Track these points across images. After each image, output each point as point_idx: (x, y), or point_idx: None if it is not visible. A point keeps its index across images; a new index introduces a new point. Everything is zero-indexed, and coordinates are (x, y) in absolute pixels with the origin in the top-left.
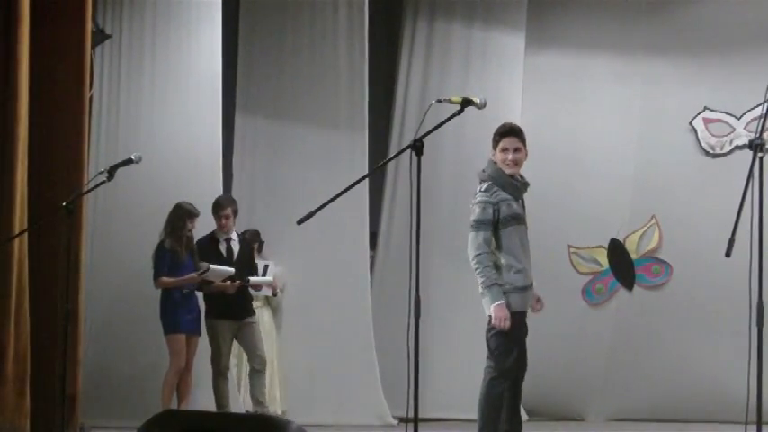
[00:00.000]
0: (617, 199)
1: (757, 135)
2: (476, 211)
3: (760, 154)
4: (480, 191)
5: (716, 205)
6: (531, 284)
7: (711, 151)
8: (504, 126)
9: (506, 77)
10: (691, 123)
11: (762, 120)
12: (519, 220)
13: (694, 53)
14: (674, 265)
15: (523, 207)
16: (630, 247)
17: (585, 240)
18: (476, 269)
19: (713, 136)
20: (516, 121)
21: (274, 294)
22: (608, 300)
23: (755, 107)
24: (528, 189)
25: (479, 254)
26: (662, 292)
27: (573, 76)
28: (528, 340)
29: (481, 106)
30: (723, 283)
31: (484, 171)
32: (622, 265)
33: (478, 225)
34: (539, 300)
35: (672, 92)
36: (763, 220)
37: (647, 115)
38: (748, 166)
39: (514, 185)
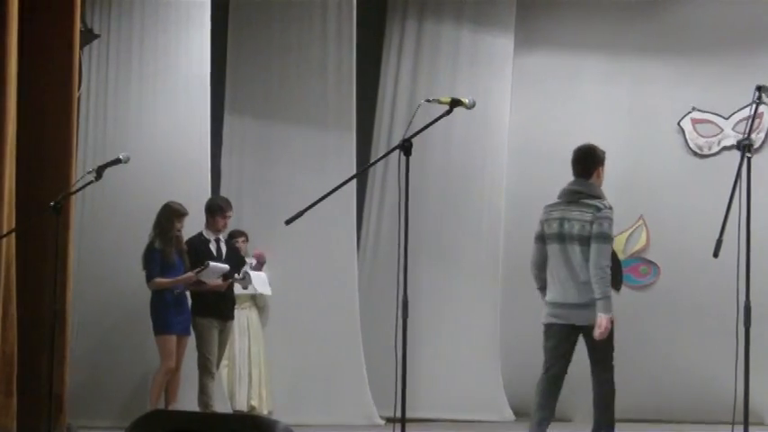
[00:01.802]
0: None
1: (745, 136)
2: (607, 226)
3: (748, 155)
4: (606, 207)
5: (704, 206)
6: None
7: (699, 152)
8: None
9: (495, 78)
10: (679, 124)
11: (750, 120)
12: None
13: (683, 54)
14: (661, 265)
15: None
16: (618, 247)
17: None
18: (602, 278)
19: (701, 136)
20: (505, 121)
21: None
22: None
23: (743, 108)
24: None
25: (608, 265)
26: (649, 293)
27: (562, 77)
28: (515, 341)
29: (470, 107)
30: (710, 283)
31: (598, 189)
32: (611, 266)
33: (610, 240)
34: None
35: (660, 92)
36: (751, 220)
37: (636, 115)
38: (736, 167)
39: None
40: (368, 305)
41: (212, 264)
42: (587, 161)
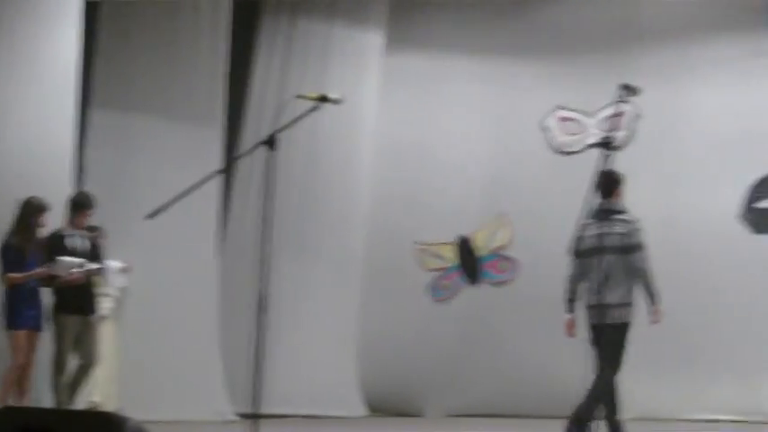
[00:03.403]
0: (468, 196)
1: (608, 134)
2: (640, 237)
3: (610, 152)
4: (636, 220)
5: (567, 203)
6: None
7: (564, 149)
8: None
9: (365, 76)
10: (544, 122)
11: (612, 119)
12: None
13: (549, 54)
14: (521, 261)
15: None
16: (479, 243)
17: (433, 236)
18: (652, 280)
19: (566, 134)
20: (372, 119)
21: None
22: (453, 296)
23: (607, 106)
24: None
25: (650, 268)
26: (508, 289)
27: (430, 76)
28: (371, 337)
29: (338, 103)
30: None
31: (621, 204)
32: (469, 261)
33: (644, 247)
34: None
35: (526, 91)
36: None
37: (502, 115)
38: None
39: None
40: (229, 301)
41: (62, 258)
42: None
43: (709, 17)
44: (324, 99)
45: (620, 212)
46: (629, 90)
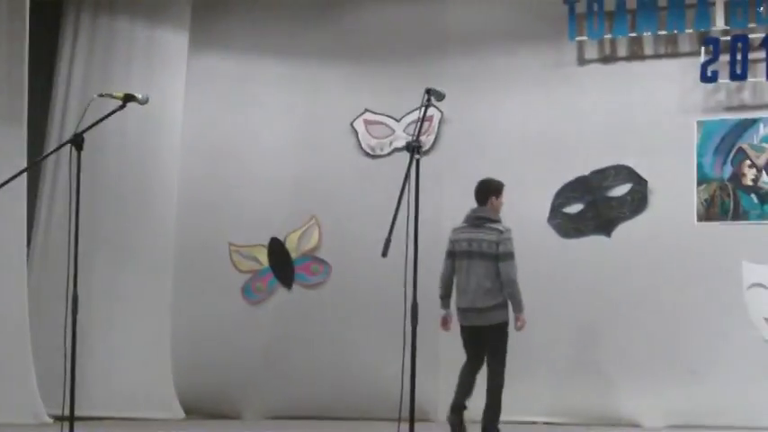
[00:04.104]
0: (278, 198)
1: (415, 138)
2: (509, 246)
3: (417, 156)
4: (507, 229)
5: (375, 205)
6: None
7: (372, 152)
8: (501, 182)
9: (170, 76)
10: (352, 125)
11: (419, 123)
12: None
13: (357, 57)
14: (332, 264)
15: None
16: (290, 245)
17: (246, 238)
18: (517, 290)
19: (373, 137)
20: (178, 120)
21: None
22: (267, 298)
23: (414, 110)
24: None
25: (516, 277)
26: (320, 291)
27: (237, 78)
28: (187, 339)
29: (143, 102)
30: (380, 282)
31: (497, 213)
32: (282, 263)
33: (512, 256)
34: None
35: (334, 94)
36: (419, 221)
37: (310, 117)
38: (406, 168)
39: None
40: (40, 303)
41: None
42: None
43: (512, 27)
44: (129, 98)
45: (493, 221)
46: (434, 94)
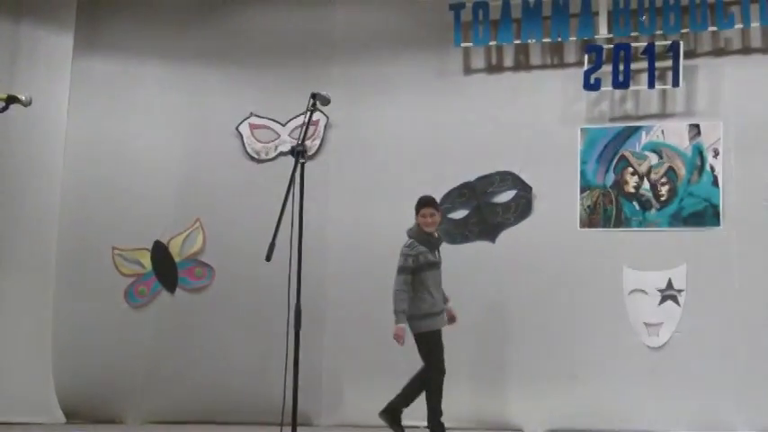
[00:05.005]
0: (162, 202)
1: (300, 142)
2: (401, 261)
3: (302, 160)
4: (405, 245)
5: (260, 209)
6: (443, 310)
7: (257, 156)
8: (423, 198)
9: (54, 78)
10: (237, 129)
11: (304, 127)
12: (434, 266)
13: (241, 60)
14: (216, 267)
15: (439, 255)
16: (174, 249)
17: (129, 242)
18: (394, 300)
19: (259, 142)
20: (62, 122)
21: None
22: (150, 302)
23: (299, 115)
24: (441, 243)
25: (398, 290)
26: (204, 295)
27: (121, 81)
28: (68, 343)
29: (27, 104)
30: (264, 286)
31: (411, 230)
32: (165, 267)
33: (400, 270)
34: (453, 317)
35: (219, 98)
36: (303, 225)
37: (194, 121)
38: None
39: (431, 241)
40: None
41: None
42: None
43: (399, 33)
44: (13, 100)
45: (408, 236)
46: (320, 99)
